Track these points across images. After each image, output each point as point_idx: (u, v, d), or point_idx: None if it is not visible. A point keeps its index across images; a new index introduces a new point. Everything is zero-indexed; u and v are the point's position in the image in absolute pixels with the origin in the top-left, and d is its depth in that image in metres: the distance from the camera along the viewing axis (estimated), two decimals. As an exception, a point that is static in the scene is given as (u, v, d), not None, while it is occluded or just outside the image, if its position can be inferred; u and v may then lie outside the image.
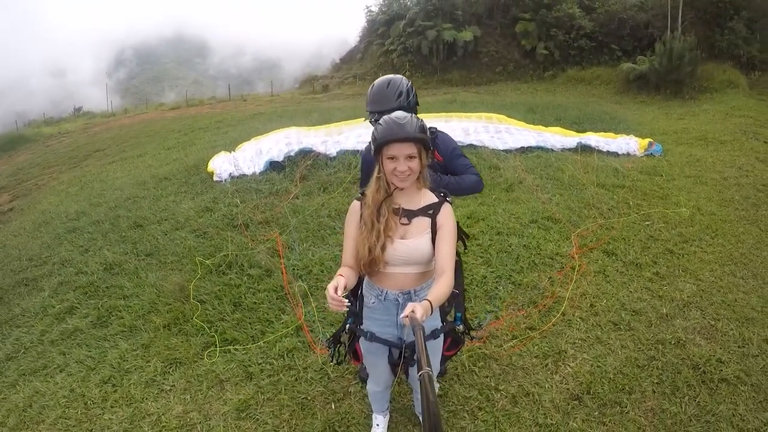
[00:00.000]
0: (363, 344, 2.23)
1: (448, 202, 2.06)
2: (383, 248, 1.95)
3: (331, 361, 2.40)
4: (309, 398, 3.01)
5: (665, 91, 15.82)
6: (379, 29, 25.02)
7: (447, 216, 2.02)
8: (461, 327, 2.33)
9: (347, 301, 1.74)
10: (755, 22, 18.46)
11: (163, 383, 3.24)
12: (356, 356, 2.36)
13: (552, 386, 3.02)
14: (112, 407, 3.09)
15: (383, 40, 24.20)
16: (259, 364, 3.32)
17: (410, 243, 1.99)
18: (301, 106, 17.02)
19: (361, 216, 2.01)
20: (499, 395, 2.97)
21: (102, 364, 3.49)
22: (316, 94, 23.69)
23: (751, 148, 8.80)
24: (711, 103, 14.11)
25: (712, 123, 11.28)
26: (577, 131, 9.50)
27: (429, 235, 2.00)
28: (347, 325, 2.26)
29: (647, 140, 8.76)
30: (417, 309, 1.59)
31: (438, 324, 2.20)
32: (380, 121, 1.96)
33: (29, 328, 4.17)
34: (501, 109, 10.91)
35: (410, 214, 2.01)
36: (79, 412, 3.08)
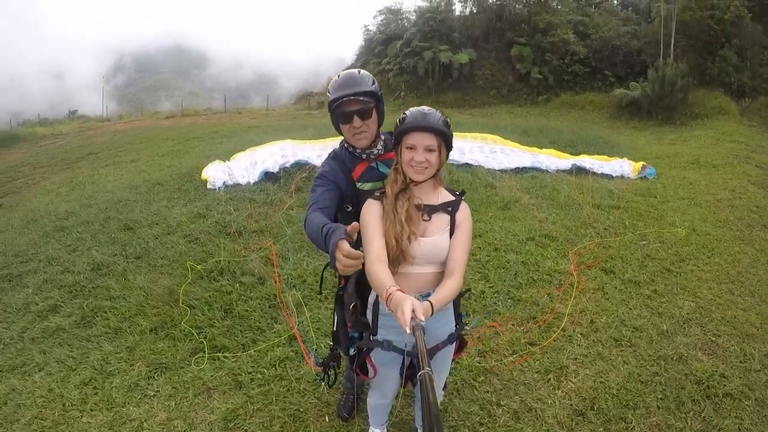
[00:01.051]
0: (377, 355, 2.08)
1: (464, 201, 2.01)
2: (409, 240, 1.87)
3: (326, 384, 2.37)
4: (301, 410, 2.88)
5: (657, 117, 16.13)
6: (376, 48, 25.35)
7: (465, 215, 1.97)
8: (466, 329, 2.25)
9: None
10: (745, 50, 19.01)
11: (146, 388, 3.10)
12: (364, 370, 2.14)
13: (555, 402, 2.94)
14: (91, 410, 2.95)
15: (380, 60, 24.47)
16: (250, 372, 3.19)
17: (431, 240, 1.92)
18: (296, 121, 17.03)
19: (383, 210, 1.93)
20: (500, 411, 2.87)
21: (83, 365, 3.35)
22: (312, 110, 23.80)
23: (743, 172, 8.94)
24: (702, 128, 14.37)
25: (703, 148, 11.48)
26: (572, 154, 9.61)
27: (448, 233, 1.94)
28: (354, 342, 2.12)
29: (640, 163, 8.88)
30: (417, 309, 1.52)
31: (453, 328, 2.11)
32: (405, 112, 1.91)
33: (10, 324, 4.02)
34: (495, 131, 11.01)
35: (430, 210, 1.95)
36: (57, 414, 2.94)
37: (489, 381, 3.12)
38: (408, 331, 1.43)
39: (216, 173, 7.20)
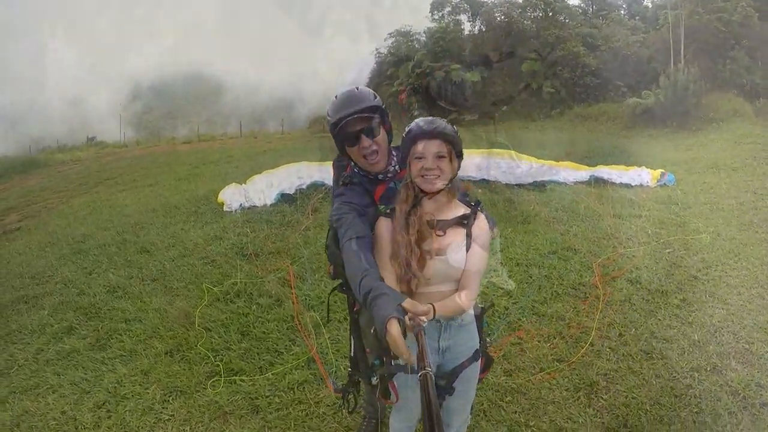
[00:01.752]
0: (400, 378, 1.96)
1: (481, 212, 1.90)
2: (420, 263, 1.76)
3: (346, 410, 2.31)
4: (320, 435, 2.79)
5: (672, 124, 15.83)
6: (387, 71, 25.61)
7: (482, 227, 1.87)
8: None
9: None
10: (756, 50, 18.68)
11: (161, 412, 3.06)
12: (387, 394, 2.00)
13: (586, 420, 2.80)
14: (104, 433, 2.91)
15: (392, 81, 24.69)
16: (267, 396, 3.13)
17: (444, 259, 1.82)
18: (311, 144, 17.18)
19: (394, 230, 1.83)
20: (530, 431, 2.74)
21: (97, 387, 3.34)
22: (326, 133, 23.97)
23: (763, 173, 8.68)
24: (718, 132, 14.06)
25: (721, 151, 11.24)
26: (588, 165, 9.45)
27: (464, 248, 1.83)
28: (375, 369, 2.00)
29: (659, 171, 8.69)
30: (420, 309, 1.51)
31: (477, 344, 2.01)
32: (409, 124, 1.84)
33: (25, 345, 4.06)
34: (510, 147, 10.93)
35: (444, 224, 1.85)
36: (69, 436, 2.91)
37: (516, 400, 3.01)
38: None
39: (232, 196, 7.27)
